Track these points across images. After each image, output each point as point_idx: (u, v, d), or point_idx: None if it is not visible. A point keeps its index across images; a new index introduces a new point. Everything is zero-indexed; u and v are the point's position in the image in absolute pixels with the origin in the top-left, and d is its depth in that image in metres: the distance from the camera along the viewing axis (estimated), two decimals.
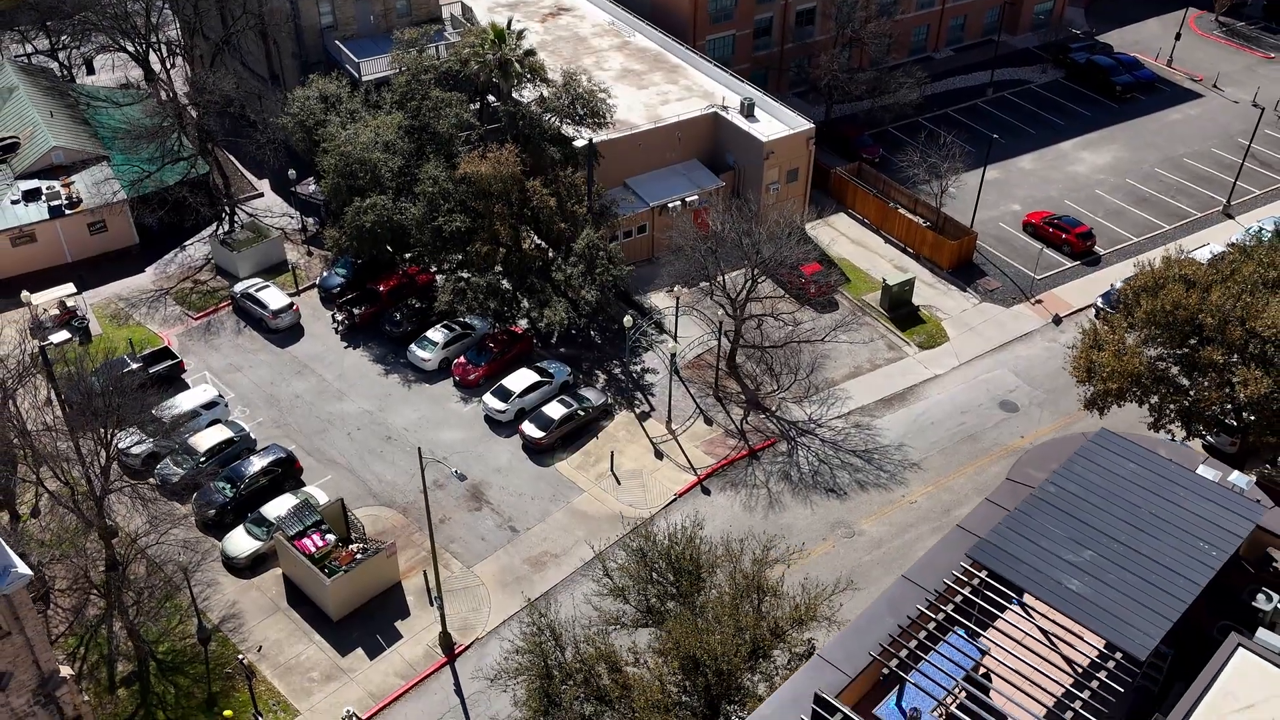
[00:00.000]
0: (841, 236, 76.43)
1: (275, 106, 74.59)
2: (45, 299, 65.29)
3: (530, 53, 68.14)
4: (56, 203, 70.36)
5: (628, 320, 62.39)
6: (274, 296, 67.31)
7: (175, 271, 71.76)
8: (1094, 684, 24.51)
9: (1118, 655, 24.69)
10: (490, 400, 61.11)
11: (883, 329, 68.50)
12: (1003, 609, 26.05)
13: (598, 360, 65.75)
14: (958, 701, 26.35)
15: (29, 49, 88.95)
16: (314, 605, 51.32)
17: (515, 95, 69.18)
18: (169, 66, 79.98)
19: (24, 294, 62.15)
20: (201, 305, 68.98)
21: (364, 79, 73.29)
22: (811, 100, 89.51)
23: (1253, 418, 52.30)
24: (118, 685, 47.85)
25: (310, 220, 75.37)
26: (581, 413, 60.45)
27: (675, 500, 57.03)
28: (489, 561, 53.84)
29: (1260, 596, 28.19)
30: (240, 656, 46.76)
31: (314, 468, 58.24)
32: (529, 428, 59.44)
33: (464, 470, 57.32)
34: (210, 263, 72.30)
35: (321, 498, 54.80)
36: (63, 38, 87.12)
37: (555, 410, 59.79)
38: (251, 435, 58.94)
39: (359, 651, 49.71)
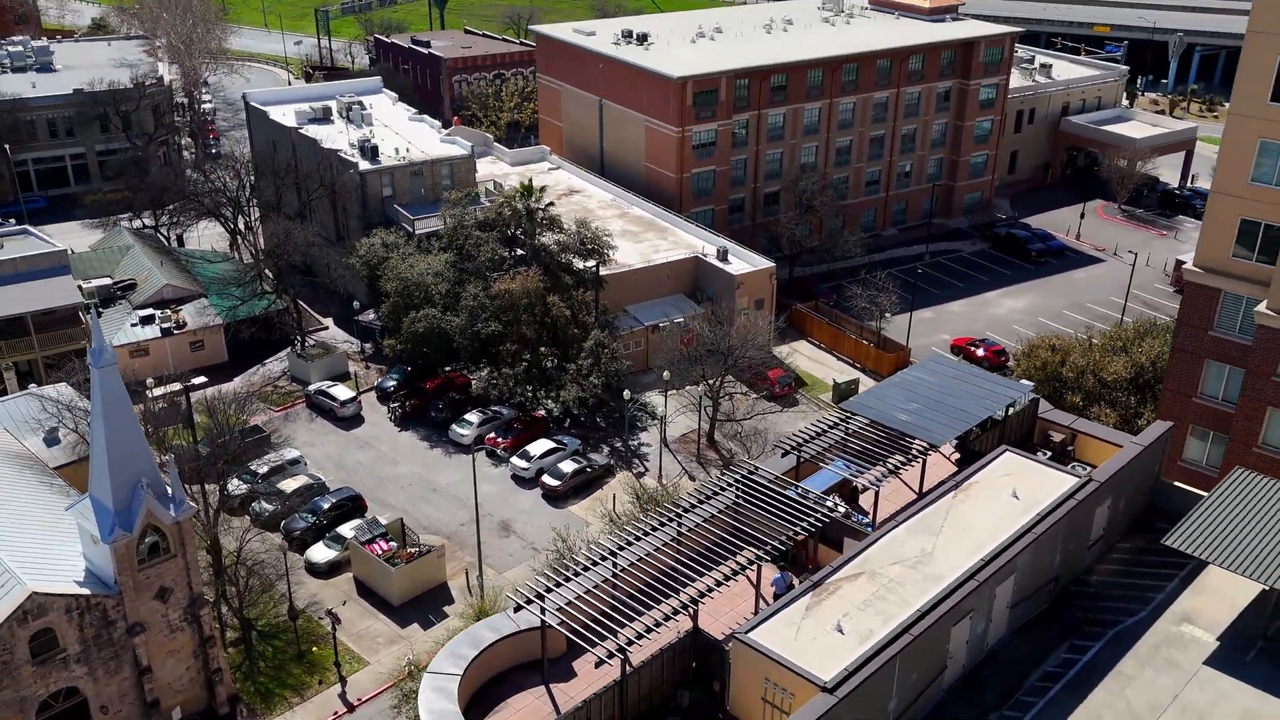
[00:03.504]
0: (802, 356, 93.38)
1: (340, 258, 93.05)
2: (160, 392, 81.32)
3: (550, 204, 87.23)
4: (166, 325, 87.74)
5: (626, 393, 78.39)
6: (341, 391, 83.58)
7: (258, 380, 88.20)
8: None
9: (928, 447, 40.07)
10: (516, 461, 76.27)
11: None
12: (863, 437, 41.25)
13: (602, 438, 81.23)
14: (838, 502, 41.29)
15: (137, 224, 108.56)
16: (379, 597, 64.96)
17: (538, 238, 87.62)
18: (254, 230, 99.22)
19: (148, 380, 78.43)
20: (280, 401, 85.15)
21: (417, 232, 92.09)
22: (778, 265, 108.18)
23: None
24: (227, 646, 61.02)
25: (368, 345, 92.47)
26: (589, 470, 75.53)
27: None
28: (516, 569, 67.72)
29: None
30: (329, 609, 60.27)
31: (376, 509, 72.75)
32: (548, 479, 74.40)
33: (494, 512, 72.09)
34: (286, 374, 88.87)
35: (384, 522, 69.18)
36: (164, 217, 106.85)
37: (568, 465, 74.94)
38: (326, 484, 73.84)
39: (415, 625, 63.20)
